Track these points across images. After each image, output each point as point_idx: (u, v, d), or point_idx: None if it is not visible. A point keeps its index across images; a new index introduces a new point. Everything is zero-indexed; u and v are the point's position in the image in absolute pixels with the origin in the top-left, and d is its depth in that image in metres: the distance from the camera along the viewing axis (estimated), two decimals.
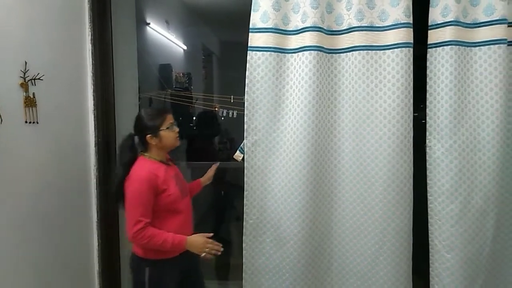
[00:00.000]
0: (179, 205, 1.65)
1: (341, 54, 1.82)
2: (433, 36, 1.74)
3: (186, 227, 1.69)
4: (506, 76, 1.69)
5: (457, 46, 1.70)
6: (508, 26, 1.68)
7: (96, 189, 2.10)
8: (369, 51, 1.76)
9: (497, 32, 1.67)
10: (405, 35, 1.70)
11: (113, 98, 2.18)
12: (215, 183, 2.05)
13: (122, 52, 2.34)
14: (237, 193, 2.19)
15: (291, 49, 1.84)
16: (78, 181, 2.02)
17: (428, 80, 1.77)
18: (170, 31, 3.45)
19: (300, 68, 1.78)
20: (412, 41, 1.72)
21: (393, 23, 1.72)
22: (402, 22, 1.70)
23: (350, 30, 1.78)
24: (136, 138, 1.69)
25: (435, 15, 1.74)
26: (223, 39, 5.62)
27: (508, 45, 1.69)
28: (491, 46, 1.68)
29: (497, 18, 1.67)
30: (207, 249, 1.59)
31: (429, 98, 1.78)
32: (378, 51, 1.75)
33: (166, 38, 3.38)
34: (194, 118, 3.17)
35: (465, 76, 1.73)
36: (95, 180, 2.10)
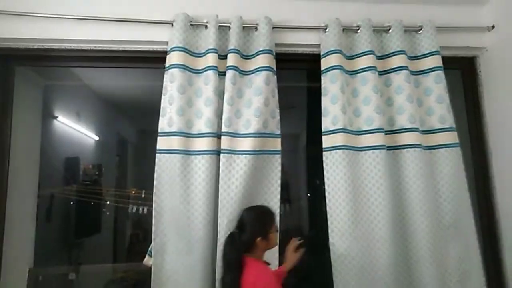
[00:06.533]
0: None
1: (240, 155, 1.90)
2: (327, 141, 1.95)
3: None
4: (388, 175, 1.91)
5: (348, 150, 1.92)
6: (385, 134, 1.96)
7: None
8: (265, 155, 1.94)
9: (376, 139, 1.93)
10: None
11: (4, 203, 1.99)
12: None
13: (22, 147, 2.19)
14: None
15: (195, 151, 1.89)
16: None
17: (326, 180, 1.93)
18: (81, 122, 3.37)
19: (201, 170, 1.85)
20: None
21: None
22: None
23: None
24: (242, 238, 1.59)
25: (326, 123, 1.97)
26: (139, 128, 5.60)
27: (388, 149, 1.96)
28: (374, 150, 1.93)
29: (376, 127, 1.94)
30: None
31: (328, 196, 1.92)
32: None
33: (76, 130, 3.29)
34: None
35: (356, 177, 1.92)
36: None
